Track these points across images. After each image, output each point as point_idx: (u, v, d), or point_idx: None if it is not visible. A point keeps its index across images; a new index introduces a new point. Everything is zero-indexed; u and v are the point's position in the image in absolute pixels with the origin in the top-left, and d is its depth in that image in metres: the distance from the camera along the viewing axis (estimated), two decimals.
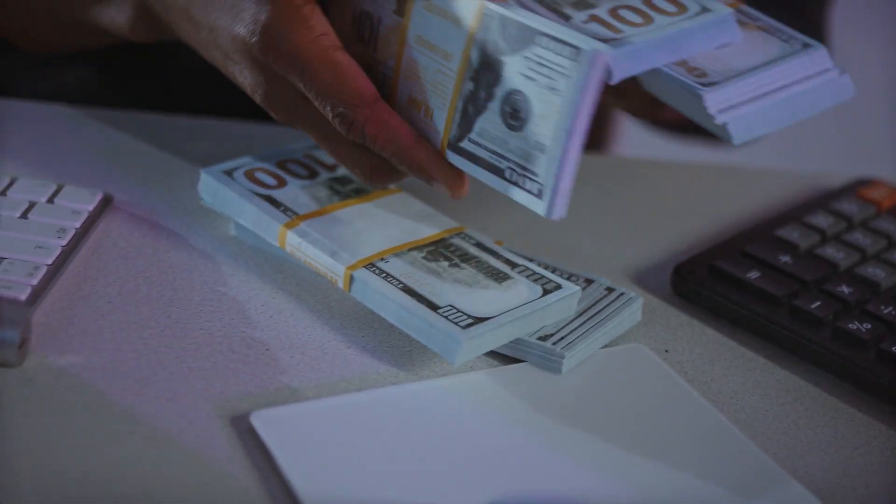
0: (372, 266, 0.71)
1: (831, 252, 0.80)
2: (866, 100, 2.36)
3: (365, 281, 0.71)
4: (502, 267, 0.73)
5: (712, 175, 0.93)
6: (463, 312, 0.69)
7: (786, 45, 0.72)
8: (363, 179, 0.74)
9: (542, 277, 0.73)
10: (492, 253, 0.74)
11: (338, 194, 0.77)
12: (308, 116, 0.73)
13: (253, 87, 0.74)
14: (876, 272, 0.78)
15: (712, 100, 0.69)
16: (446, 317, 0.69)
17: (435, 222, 0.76)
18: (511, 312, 0.70)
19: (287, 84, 0.72)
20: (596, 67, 0.64)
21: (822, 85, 0.71)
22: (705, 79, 0.69)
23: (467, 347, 0.69)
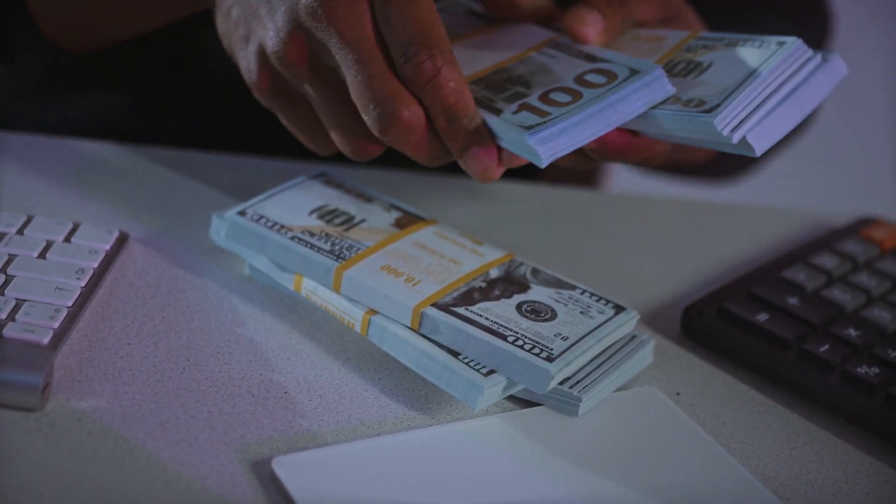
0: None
1: (838, 294, 0.81)
2: (866, 135, 2.38)
3: (383, 327, 0.72)
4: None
5: (715, 213, 0.94)
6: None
7: (762, 49, 0.74)
8: (352, 151, 0.74)
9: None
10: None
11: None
12: (318, 77, 0.73)
13: (276, 37, 0.73)
14: (882, 315, 0.79)
15: (722, 122, 0.70)
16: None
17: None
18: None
19: (314, 42, 0.72)
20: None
21: (815, 73, 0.73)
22: (704, 106, 0.71)
23: (489, 394, 0.70)
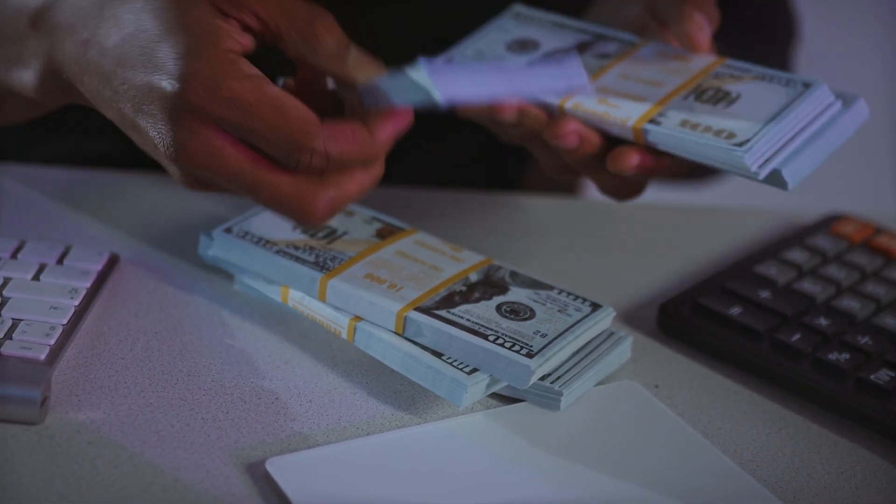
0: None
1: (808, 286, 0.83)
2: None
3: (368, 333, 0.75)
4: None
5: (689, 215, 0.97)
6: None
7: (789, 88, 0.78)
8: (300, 218, 0.72)
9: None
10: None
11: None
12: (229, 166, 0.71)
13: (165, 142, 0.71)
14: (851, 304, 0.82)
15: (751, 158, 0.75)
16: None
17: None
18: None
19: (207, 135, 0.70)
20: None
21: (841, 115, 0.77)
22: (735, 139, 0.75)
23: (472, 391, 0.72)
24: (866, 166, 2.35)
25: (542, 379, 0.74)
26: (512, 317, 0.75)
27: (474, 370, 0.73)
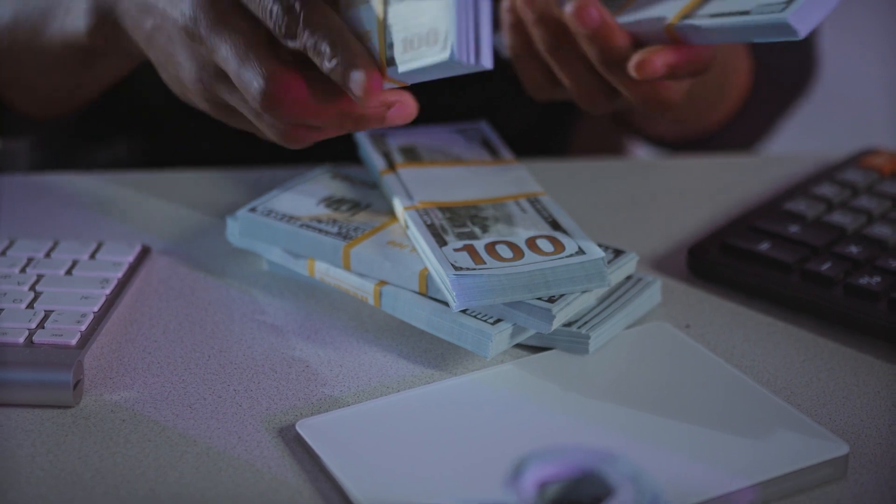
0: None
1: (838, 218, 0.83)
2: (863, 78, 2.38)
3: (394, 295, 0.75)
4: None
5: (717, 166, 0.96)
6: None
7: None
8: (281, 138, 0.76)
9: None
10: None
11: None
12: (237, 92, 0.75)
13: (191, 73, 0.77)
14: (883, 230, 0.81)
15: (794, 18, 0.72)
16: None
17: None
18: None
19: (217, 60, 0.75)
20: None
21: None
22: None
23: (497, 340, 0.72)
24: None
25: (568, 325, 0.74)
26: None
27: (498, 320, 0.73)
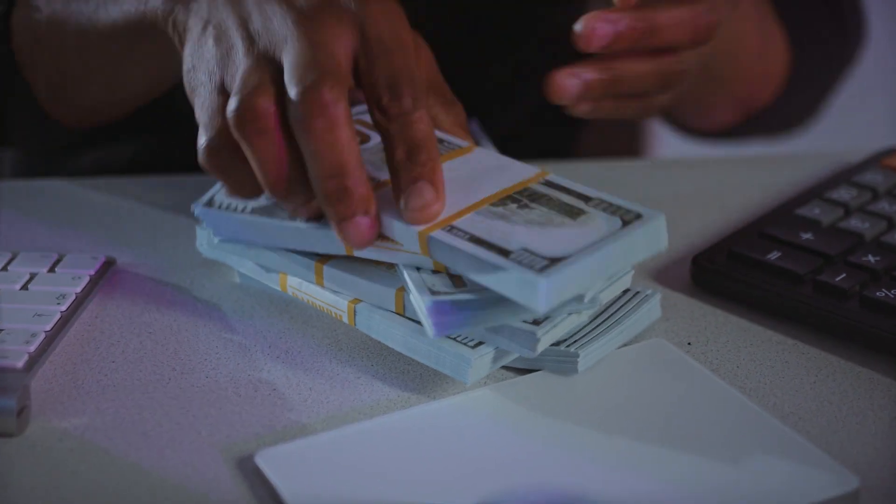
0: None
1: (856, 224, 0.76)
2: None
3: (368, 314, 0.70)
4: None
5: (732, 168, 0.90)
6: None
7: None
8: (231, 189, 0.69)
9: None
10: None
11: None
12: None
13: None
14: None
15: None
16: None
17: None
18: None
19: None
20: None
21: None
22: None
23: (478, 365, 0.67)
24: None
25: (556, 344, 0.68)
26: None
27: (479, 343, 0.67)
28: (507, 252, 0.65)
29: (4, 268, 0.76)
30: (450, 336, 0.67)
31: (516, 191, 0.69)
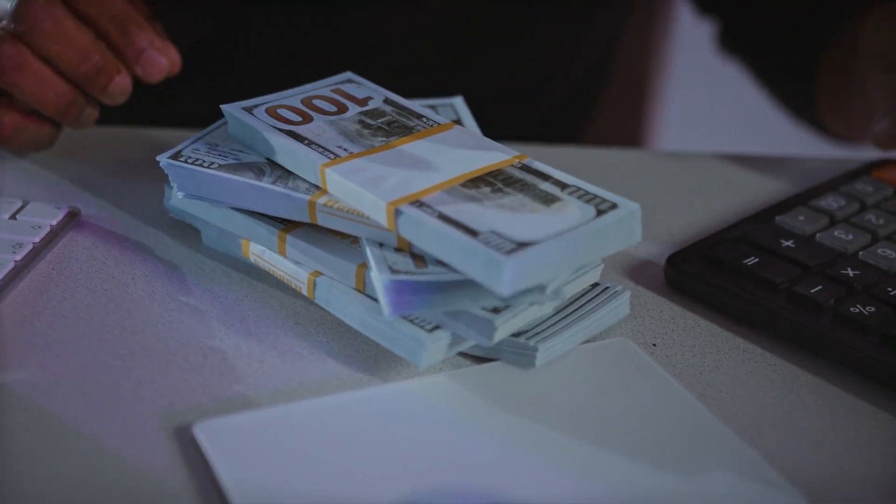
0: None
1: (839, 235, 0.74)
2: None
3: (328, 287, 0.68)
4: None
5: (724, 165, 0.88)
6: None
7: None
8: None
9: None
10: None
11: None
12: None
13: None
14: (886, 253, 0.72)
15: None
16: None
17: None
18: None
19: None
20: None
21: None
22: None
23: (433, 350, 0.65)
24: None
25: (516, 336, 0.66)
26: None
27: (437, 328, 0.65)
28: (476, 233, 0.63)
29: None
30: (408, 318, 0.65)
31: (491, 173, 0.68)
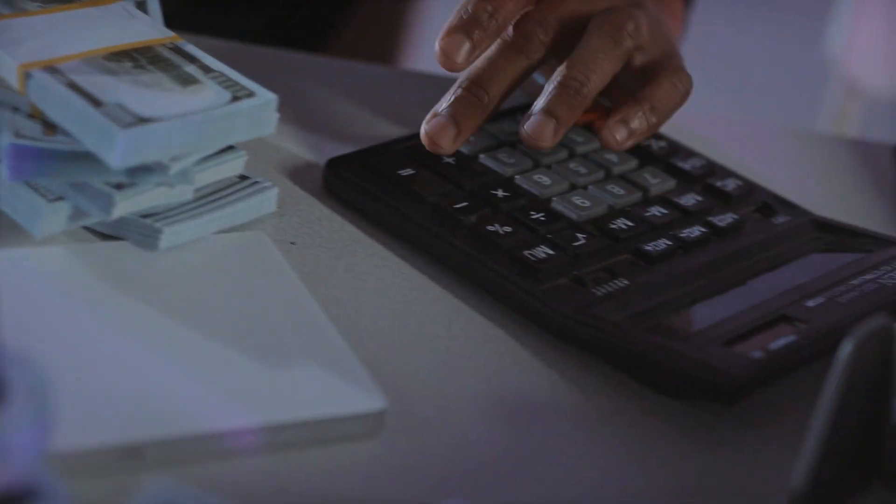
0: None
1: (502, 157, 0.74)
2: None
3: None
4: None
5: (436, 84, 0.87)
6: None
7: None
8: None
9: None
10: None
11: None
12: None
13: None
14: (542, 179, 0.73)
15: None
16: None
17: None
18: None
19: None
20: None
21: None
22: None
23: (51, 219, 0.64)
24: None
25: (146, 216, 0.66)
26: None
27: (60, 198, 0.64)
28: (100, 103, 0.62)
29: None
30: (31, 186, 0.64)
31: (138, 49, 0.67)
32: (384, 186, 0.72)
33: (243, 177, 0.70)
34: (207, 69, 0.67)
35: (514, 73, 0.73)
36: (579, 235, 0.69)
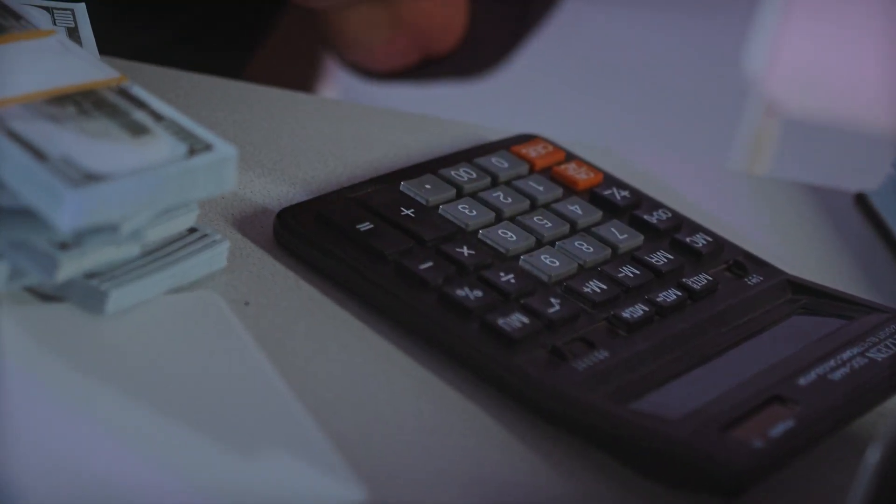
0: None
1: (463, 209, 0.70)
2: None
3: None
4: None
5: (381, 119, 0.83)
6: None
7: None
8: None
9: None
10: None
11: None
12: None
13: None
14: (507, 235, 0.69)
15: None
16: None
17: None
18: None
19: None
20: None
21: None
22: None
23: None
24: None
25: (91, 277, 0.60)
26: None
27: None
28: (44, 157, 0.56)
29: None
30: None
31: (82, 92, 0.61)
32: (340, 242, 0.67)
33: (192, 229, 0.65)
34: (158, 116, 0.61)
35: None
36: (553, 301, 0.65)
